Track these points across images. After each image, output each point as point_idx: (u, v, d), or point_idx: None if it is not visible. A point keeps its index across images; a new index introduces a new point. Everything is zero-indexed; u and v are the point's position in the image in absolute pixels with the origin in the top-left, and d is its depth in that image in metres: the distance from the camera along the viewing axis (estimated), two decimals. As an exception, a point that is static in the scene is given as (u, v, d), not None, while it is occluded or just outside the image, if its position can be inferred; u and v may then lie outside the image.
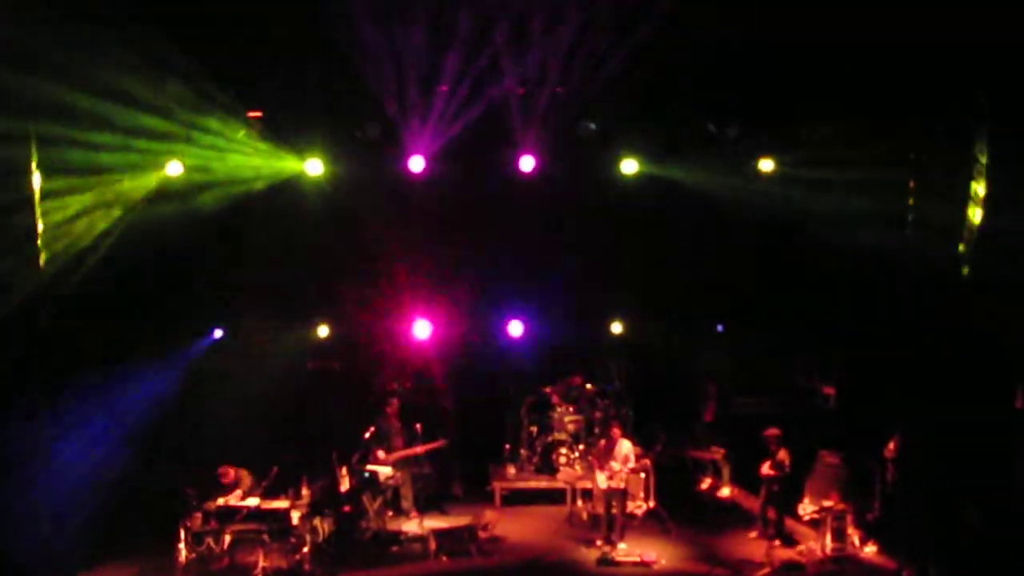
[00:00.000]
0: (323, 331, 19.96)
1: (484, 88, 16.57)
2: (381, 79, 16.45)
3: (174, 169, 17.12)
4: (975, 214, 14.72)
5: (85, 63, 14.38)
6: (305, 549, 14.45)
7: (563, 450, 18.42)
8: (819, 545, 15.12)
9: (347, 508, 15.86)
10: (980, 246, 14.56)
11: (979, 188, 14.68)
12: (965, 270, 14.73)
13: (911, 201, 15.77)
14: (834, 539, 15.07)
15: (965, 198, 14.72)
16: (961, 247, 14.81)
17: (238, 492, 15.03)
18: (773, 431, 15.91)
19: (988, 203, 14.51)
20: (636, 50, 15.73)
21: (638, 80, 16.49)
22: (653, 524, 16.65)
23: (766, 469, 15.73)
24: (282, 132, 17.64)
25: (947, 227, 14.95)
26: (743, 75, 16.24)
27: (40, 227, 14.64)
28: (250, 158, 17.77)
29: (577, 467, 18.03)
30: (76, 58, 14.24)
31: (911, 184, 15.80)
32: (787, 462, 15.57)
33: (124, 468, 16.81)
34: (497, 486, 18.17)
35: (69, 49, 14.12)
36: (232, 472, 15.29)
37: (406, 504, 16.91)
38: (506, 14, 15.43)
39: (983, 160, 14.49)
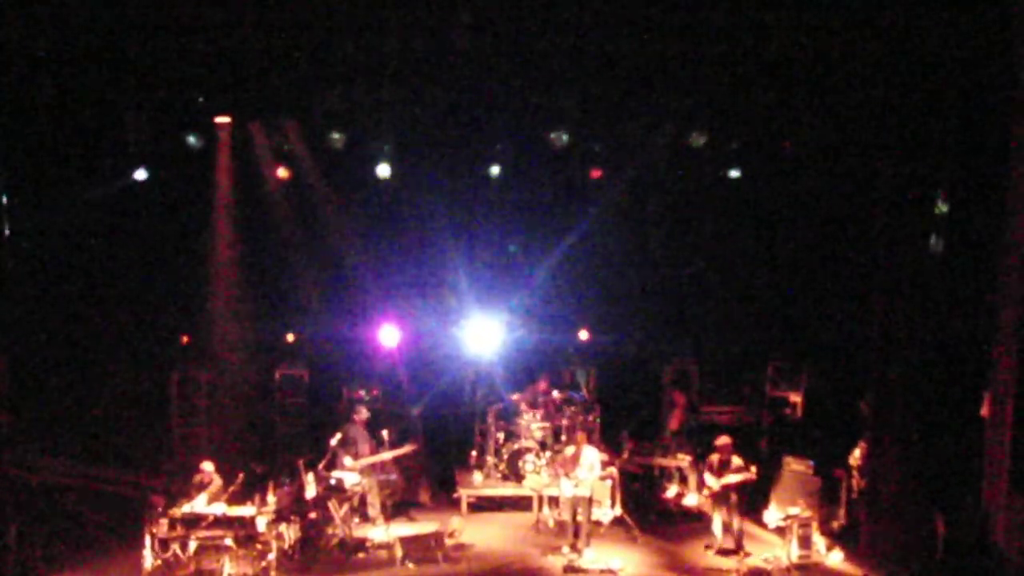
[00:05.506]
0: (290, 337, 19.94)
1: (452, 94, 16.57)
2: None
3: (140, 175, 17.17)
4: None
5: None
6: (271, 556, 14.35)
7: (530, 457, 18.39)
8: (785, 553, 15.15)
9: (313, 515, 15.77)
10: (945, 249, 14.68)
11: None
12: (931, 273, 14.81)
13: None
14: (800, 546, 15.09)
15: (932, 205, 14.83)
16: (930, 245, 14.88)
17: (204, 496, 14.91)
18: (723, 440, 15.95)
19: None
20: (607, 59, 15.76)
21: (608, 89, 16.58)
22: (619, 531, 16.65)
23: (724, 480, 15.64)
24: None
25: (916, 228, 15.00)
26: (710, 85, 16.34)
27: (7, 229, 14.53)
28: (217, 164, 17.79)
29: (543, 474, 18.02)
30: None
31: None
32: (742, 469, 15.55)
33: (89, 472, 16.70)
34: (464, 493, 18.13)
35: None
36: (209, 473, 15.19)
37: (372, 511, 16.84)
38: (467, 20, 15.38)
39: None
